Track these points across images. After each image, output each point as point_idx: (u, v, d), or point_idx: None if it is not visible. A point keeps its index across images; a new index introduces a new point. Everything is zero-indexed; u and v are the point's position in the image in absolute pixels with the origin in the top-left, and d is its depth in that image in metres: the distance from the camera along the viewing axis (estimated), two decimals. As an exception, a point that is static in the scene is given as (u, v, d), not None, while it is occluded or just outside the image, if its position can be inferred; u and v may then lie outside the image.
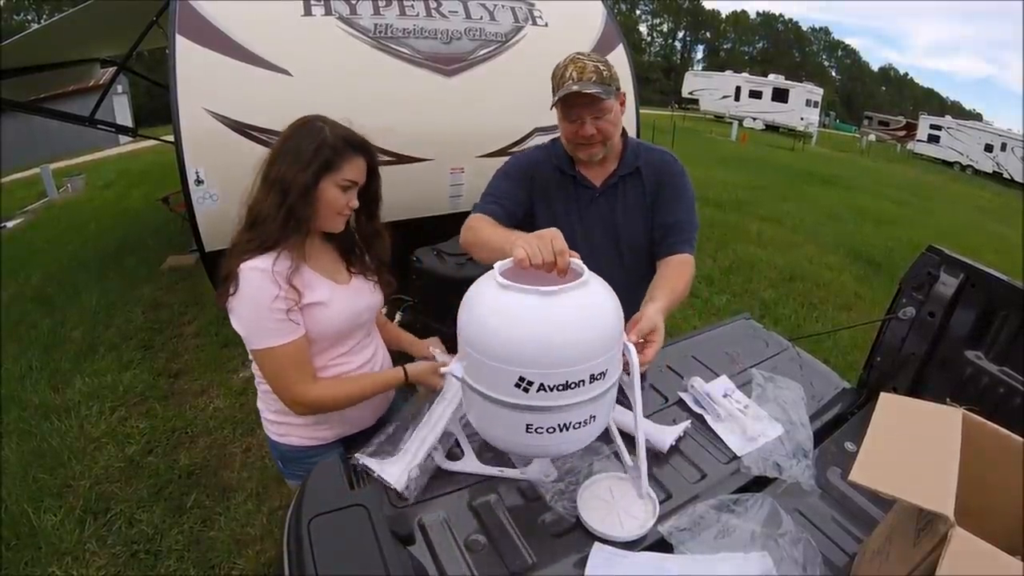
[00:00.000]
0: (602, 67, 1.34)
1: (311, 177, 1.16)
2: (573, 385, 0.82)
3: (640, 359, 0.97)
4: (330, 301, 1.25)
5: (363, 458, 1.11)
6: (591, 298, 0.86)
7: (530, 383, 0.81)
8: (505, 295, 0.84)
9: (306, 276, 1.22)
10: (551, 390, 0.82)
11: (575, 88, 1.30)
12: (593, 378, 0.83)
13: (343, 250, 1.37)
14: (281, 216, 1.16)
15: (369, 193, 1.31)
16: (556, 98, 1.35)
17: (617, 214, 1.51)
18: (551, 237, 0.93)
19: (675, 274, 1.37)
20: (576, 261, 0.92)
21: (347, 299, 1.30)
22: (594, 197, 1.51)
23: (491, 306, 0.85)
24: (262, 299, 1.14)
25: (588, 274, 0.89)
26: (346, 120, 1.25)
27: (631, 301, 1.54)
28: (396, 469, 1.09)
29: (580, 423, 0.87)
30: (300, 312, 1.20)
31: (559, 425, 0.86)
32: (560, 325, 0.81)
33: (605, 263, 1.49)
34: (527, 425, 0.86)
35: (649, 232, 1.52)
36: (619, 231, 1.52)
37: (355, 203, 1.25)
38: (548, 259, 0.90)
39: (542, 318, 0.81)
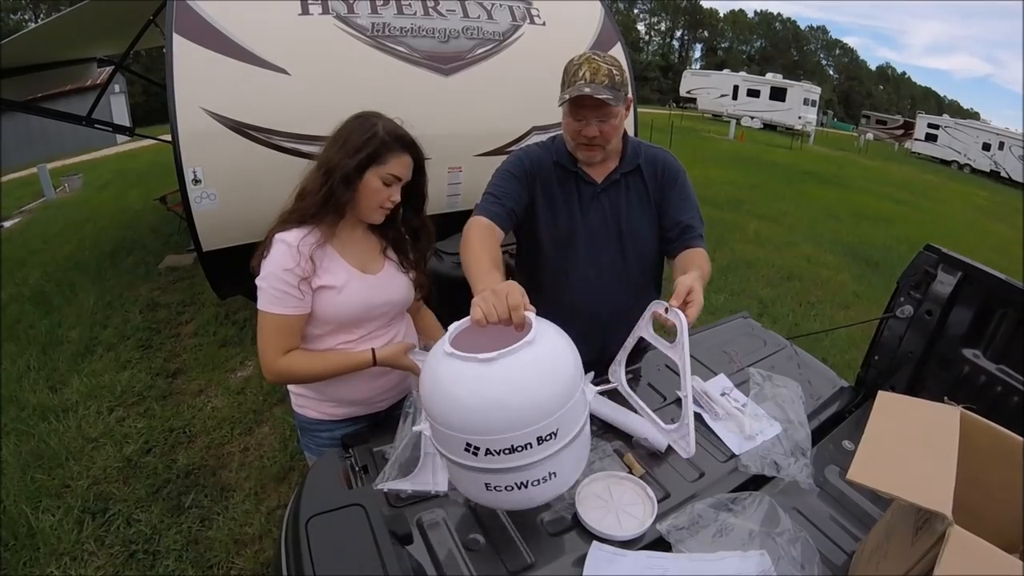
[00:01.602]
0: (615, 71, 1.34)
1: (355, 166, 1.23)
2: (520, 448, 0.82)
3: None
4: (344, 287, 1.28)
5: (389, 485, 1.08)
6: (534, 360, 0.84)
7: (477, 448, 0.83)
8: (448, 363, 0.85)
9: (328, 256, 1.28)
10: (498, 454, 0.83)
11: (587, 91, 1.30)
12: (541, 440, 0.83)
13: (386, 242, 1.41)
14: (322, 194, 1.24)
15: (415, 189, 1.38)
16: (567, 96, 1.35)
17: (620, 209, 1.52)
18: (506, 292, 0.94)
19: (700, 260, 1.42)
20: (530, 315, 0.91)
21: (366, 288, 1.32)
22: (596, 193, 1.51)
23: (437, 374, 0.86)
24: (278, 266, 1.22)
25: (535, 331, 0.87)
26: (399, 120, 1.32)
27: (634, 294, 1.58)
28: (427, 476, 1.10)
29: (539, 480, 0.87)
30: (311, 289, 1.25)
31: (517, 483, 0.86)
32: (497, 393, 0.81)
33: (607, 258, 1.53)
34: (486, 484, 0.88)
35: (653, 227, 1.55)
36: (622, 226, 1.53)
37: (396, 198, 1.31)
38: (503, 316, 0.92)
39: (480, 386, 0.82)
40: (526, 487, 0.86)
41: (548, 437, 0.84)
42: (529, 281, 1.59)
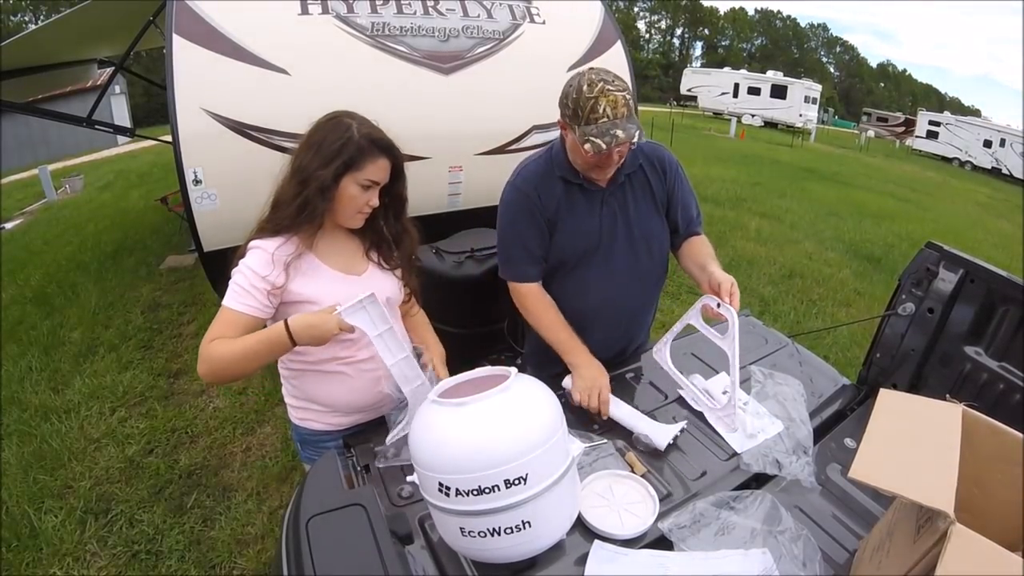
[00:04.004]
0: (629, 96, 1.30)
1: (332, 174, 1.19)
2: (487, 490, 0.84)
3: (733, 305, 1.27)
4: (320, 299, 1.24)
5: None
6: (504, 405, 0.89)
7: (448, 488, 0.85)
8: (430, 408, 0.92)
9: (308, 263, 1.25)
10: (468, 494, 0.85)
11: (620, 135, 1.26)
12: (509, 483, 0.85)
13: (368, 243, 1.38)
14: (297, 205, 1.20)
15: (393, 193, 1.34)
16: (601, 144, 1.27)
17: (629, 210, 1.54)
18: (599, 388, 1.33)
19: (708, 247, 1.57)
20: (513, 370, 0.97)
21: (352, 293, 1.27)
22: (604, 197, 1.52)
23: (421, 420, 0.93)
24: (250, 268, 1.19)
25: (511, 381, 0.92)
26: (376, 122, 1.26)
27: (649, 290, 1.67)
28: None
29: (512, 528, 0.88)
30: (278, 301, 1.22)
31: (490, 529, 0.87)
32: (466, 433, 0.86)
33: (623, 260, 1.56)
34: (460, 528, 0.89)
35: (662, 223, 1.58)
36: (632, 226, 1.55)
37: (375, 202, 1.27)
38: (594, 407, 1.30)
39: (452, 427, 0.87)
40: (499, 534, 0.87)
41: (517, 481, 0.85)
42: (546, 288, 1.60)
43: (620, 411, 1.34)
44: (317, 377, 1.34)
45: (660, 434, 1.25)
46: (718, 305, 1.27)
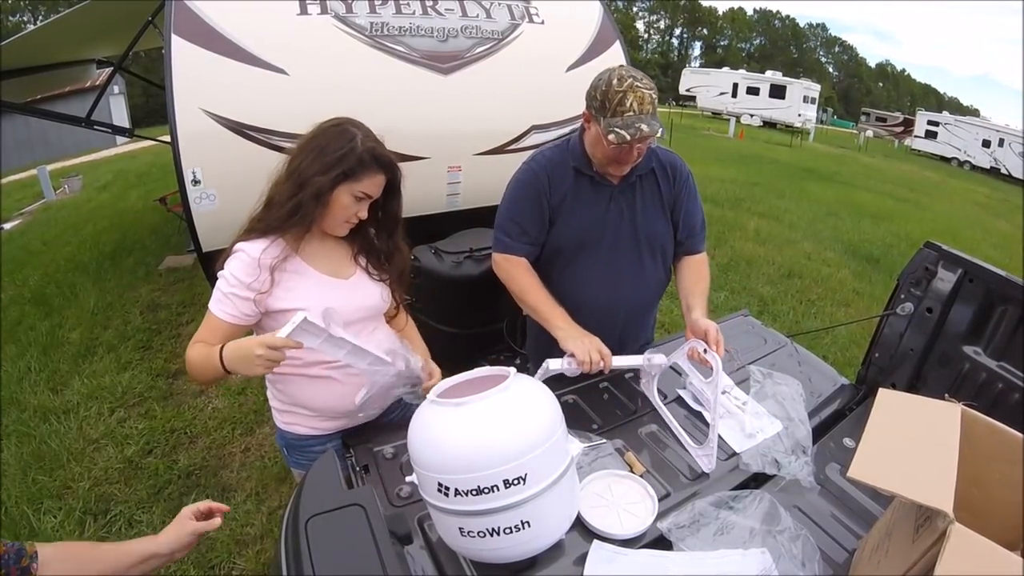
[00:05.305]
0: (654, 94, 1.36)
1: (328, 182, 1.18)
2: (487, 490, 0.84)
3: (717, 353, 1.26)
4: (307, 305, 1.21)
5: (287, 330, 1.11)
6: (502, 405, 0.89)
7: (447, 488, 0.86)
8: (428, 407, 0.93)
9: (294, 266, 1.24)
10: (467, 494, 0.85)
11: (645, 129, 1.31)
12: (508, 483, 0.85)
13: (356, 247, 1.37)
14: (290, 206, 1.20)
15: (387, 211, 1.34)
16: (626, 135, 1.32)
17: (636, 209, 1.56)
18: (598, 346, 1.31)
19: (701, 276, 1.61)
20: (512, 370, 0.97)
21: (336, 295, 1.28)
22: (613, 193, 1.55)
23: (419, 419, 0.93)
24: (232, 274, 1.20)
25: (510, 381, 0.92)
26: (383, 132, 1.27)
27: (649, 291, 1.69)
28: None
29: (512, 528, 0.88)
30: (263, 308, 1.21)
31: (489, 529, 0.87)
32: (465, 433, 0.86)
33: (626, 257, 1.59)
34: (459, 528, 0.89)
35: (668, 227, 1.61)
36: (638, 224, 1.57)
37: (363, 214, 1.27)
38: (596, 360, 1.30)
39: (451, 427, 0.87)
40: (498, 534, 0.87)
41: (516, 481, 0.85)
42: (544, 281, 1.61)
43: (618, 361, 1.39)
44: (303, 381, 1.32)
45: (659, 356, 1.38)
46: (704, 351, 1.29)
